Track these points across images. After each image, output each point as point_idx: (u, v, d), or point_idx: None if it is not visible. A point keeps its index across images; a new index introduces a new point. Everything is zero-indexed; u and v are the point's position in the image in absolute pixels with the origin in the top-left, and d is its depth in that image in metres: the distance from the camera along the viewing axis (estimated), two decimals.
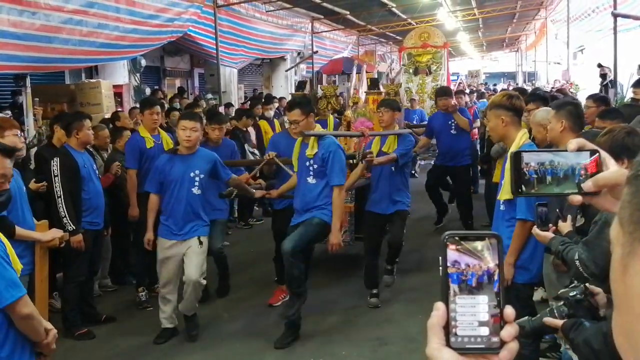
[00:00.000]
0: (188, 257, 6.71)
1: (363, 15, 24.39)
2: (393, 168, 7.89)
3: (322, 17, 23.10)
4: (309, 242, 6.88)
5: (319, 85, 10.43)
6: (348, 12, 22.50)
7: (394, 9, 23.50)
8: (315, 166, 6.73)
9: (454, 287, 1.05)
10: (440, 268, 1.06)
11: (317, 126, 7.17)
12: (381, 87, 11.64)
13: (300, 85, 10.73)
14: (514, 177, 1.86)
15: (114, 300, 8.40)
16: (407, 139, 8.14)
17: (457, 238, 1.06)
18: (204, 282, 6.94)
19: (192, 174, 6.66)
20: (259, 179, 8.07)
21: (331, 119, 10.41)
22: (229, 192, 7.47)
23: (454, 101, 11.56)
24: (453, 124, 10.91)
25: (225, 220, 8.64)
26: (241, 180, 7.46)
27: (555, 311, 3.31)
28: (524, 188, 1.79)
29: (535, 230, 3.75)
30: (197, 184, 6.68)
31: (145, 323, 7.60)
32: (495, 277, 1.05)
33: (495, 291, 1.05)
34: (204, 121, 8.00)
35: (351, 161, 8.04)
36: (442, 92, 11.47)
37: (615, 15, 13.41)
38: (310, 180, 6.75)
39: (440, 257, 1.06)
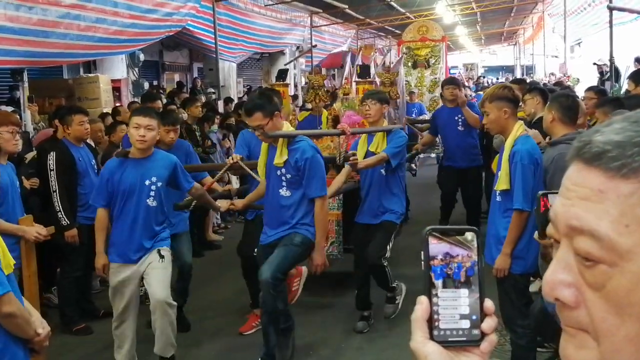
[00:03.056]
0: (148, 275, 5.67)
1: (362, 9, 24.40)
2: (384, 171, 6.75)
3: (321, 10, 23.10)
4: (290, 266, 5.83)
5: (305, 75, 9.83)
6: (347, 6, 22.50)
7: (392, 3, 23.53)
8: (289, 176, 5.61)
9: (435, 280, 1.06)
10: (422, 262, 1.07)
11: (286, 125, 5.93)
12: (376, 77, 10.70)
13: (281, 75, 10.17)
14: (541, 219, 1.87)
15: None
16: (398, 135, 6.84)
17: (438, 232, 1.07)
18: (174, 302, 5.85)
19: (147, 182, 5.55)
20: (228, 184, 6.58)
21: (325, 114, 9.31)
22: (186, 202, 6.46)
23: (463, 94, 10.06)
24: (460, 120, 9.65)
25: (188, 231, 7.24)
26: (204, 190, 6.30)
27: None
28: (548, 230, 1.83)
29: (537, 235, 3.76)
30: (152, 193, 5.58)
31: (144, 318, 7.61)
32: (476, 270, 1.07)
33: (475, 283, 1.07)
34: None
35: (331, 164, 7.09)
36: (450, 81, 10.29)
37: (611, 9, 13.41)
38: (283, 192, 5.65)
39: (422, 252, 1.07)
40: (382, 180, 6.78)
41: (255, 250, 6.16)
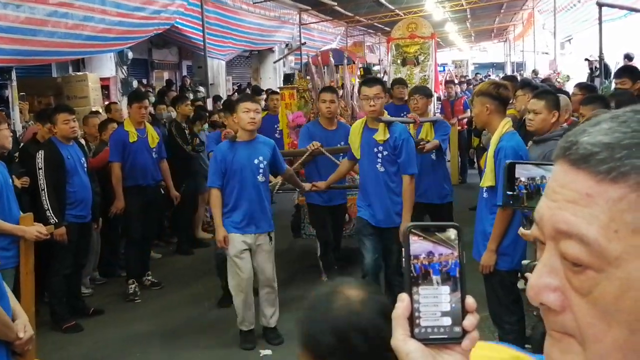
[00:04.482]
0: (258, 254, 6.37)
1: (351, 6, 24.36)
2: (434, 156, 7.91)
3: (310, 8, 23.05)
4: None
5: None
6: (335, 3, 22.44)
7: (381, 0, 23.48)
8: (385, 153, 6.32)
9: (416, 278, 1.05)
10: (404, 259, 1.06)
11: (384, 112, 6.78)
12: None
13: (288, 79, 10.62)
14: (506, 188, 1.87)
15: (102, 293, 8.41)
16: (444, 124, 8.24)
17: (419, 229, 1.06)
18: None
19: (256, 161, 6.29)
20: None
21: (283, 114, 9.88)
22: (272, 185, 7.13)
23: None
24: (405, 116, 10.60)
25: None
26: (293, 172, 7.19)
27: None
28: (513, 201, 1.81)
29: (521, 230, 3.77)
30: (261, 170, 6.32)
31: (133, 315, 7.62)
32: (457, 268, 1.06)
33: (457, 281, 1.06)
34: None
35: None
36: (399, 81, 11.27)
37: (601, 5, 13.41)
38: (380, 168, 6.36)
39: (402, 249, 1.07)
40: (434, 164, 7.92)
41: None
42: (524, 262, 2.81)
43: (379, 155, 6.35)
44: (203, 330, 7.01)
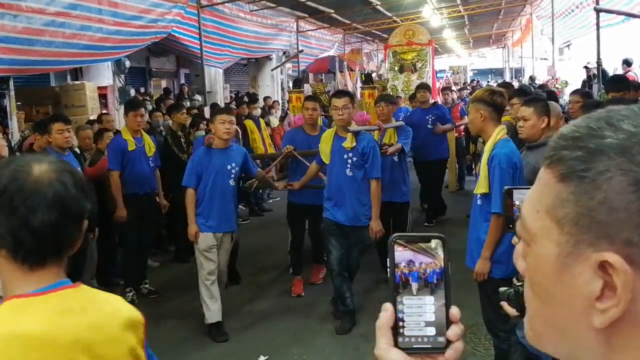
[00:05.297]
0: (222, 252, 7.14)
1: (348, 13, 24.31)
2: (396, 158, 8.56)
3: (307, 15, 23.01)
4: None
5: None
6: (332, 11, 22.42)
7: (378, 7, 23.44)
8: (355, 159, 6.98)
9: (401, 288, 1.06)
10: (388, 269, 1.07)
11: (353, 123, 7.53)
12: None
13: (297, 83, 11.16)
14: (506, 213, 1.89)
15: None
16: (407, 129, 8.78)
17: (404, 239, 1.07)
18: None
19: (229, 167, 6.96)
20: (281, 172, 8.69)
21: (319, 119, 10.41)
22: (249, 184, 8.07)
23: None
24: (430, 119, 11.50)
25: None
26: (265, 174, 8.05)
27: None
28: (512, 225, 1.83)
29: (515, 239, 3.76)
30: (233, 175, 7.01)
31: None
32: (441, 278, 1.07)
33: (441, 291, 1.07)
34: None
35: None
36: (422, 86, 12.25)
37: (598, 11, 13.42)
38: (348, 172, 7.02)
39: (387, 259, 1.07)
40: (396, 166, 8.60)
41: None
42: (501, 289, 2.76)
43: (349, 161, 7.01)
44: (201, 338, 7.02)
